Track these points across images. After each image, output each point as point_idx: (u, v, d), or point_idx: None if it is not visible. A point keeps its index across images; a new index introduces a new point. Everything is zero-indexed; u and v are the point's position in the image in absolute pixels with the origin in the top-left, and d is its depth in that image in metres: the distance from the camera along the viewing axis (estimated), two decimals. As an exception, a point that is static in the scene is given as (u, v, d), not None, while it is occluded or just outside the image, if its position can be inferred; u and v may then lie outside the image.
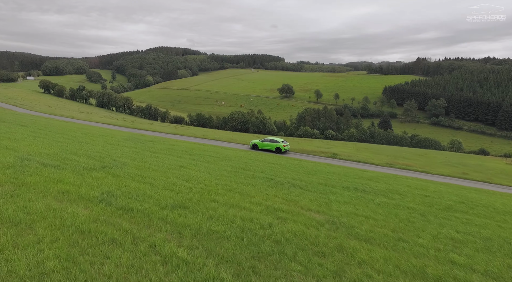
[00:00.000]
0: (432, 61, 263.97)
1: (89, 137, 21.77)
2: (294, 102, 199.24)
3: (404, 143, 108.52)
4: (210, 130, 75.74)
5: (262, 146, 32.53)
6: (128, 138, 24.34)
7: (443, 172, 29.46)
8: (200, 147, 26.28)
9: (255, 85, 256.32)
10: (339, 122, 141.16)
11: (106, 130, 32.34)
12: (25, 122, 25.38)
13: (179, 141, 30.64)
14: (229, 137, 45.19)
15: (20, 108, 51.28)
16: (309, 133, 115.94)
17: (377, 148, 59.32)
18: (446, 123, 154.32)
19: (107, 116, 76.47)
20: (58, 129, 24.71)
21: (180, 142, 28.36)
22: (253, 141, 34.12)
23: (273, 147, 31.99)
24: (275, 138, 33.79)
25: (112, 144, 19.30)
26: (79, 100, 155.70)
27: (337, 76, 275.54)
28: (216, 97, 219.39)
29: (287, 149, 32.70)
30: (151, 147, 20.64)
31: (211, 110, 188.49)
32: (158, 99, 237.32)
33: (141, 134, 32.39)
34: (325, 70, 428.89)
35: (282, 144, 32.05)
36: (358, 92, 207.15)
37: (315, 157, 31.60)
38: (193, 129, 63.95)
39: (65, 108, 77.53)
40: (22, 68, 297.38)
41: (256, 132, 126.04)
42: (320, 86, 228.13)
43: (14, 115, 32.91)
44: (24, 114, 36.16)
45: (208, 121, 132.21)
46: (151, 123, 73.78)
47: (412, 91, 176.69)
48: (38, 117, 35.20)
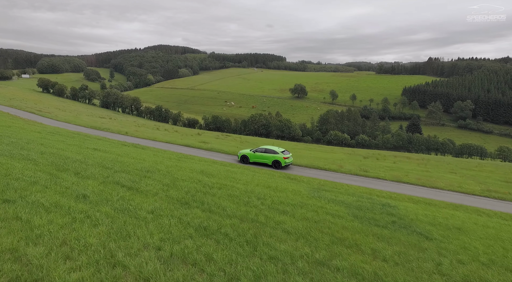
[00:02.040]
0: (445, 61, 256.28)
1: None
2: (308, 103, 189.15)
3: (447, 150, 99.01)
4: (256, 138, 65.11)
5: (255, 159, 24.33)
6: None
7: None
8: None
9: (263, 85, 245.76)
10: (364, 125, 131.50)
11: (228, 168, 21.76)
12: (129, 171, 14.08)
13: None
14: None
15: (40, 116, 39.78)
16: (339, 138, 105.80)
17: (446, 162, 49.20)
18: (475, 127, 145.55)
19: (143, 125, 65.36)
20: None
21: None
22: (242, 151, 25.41)
23: (270, 160, 23.80)
24: (273, 148, 24.82)
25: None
26: (81, 100, 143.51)
27: (347, 76, 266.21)
28: (224, 97, 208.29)
29: (289, 162, 24.24)
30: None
31: (221, 111, 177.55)
32: (161, 99, 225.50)
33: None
34: (328, 70, 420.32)
35: (282, 156, 23.65)
36: (373, 93, 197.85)
37: (350, 179, 20.94)
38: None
39: (84, 113, 66.16)
40: (16, 66, 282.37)
41: (280, 137, 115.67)
42: (332, 87, 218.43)
43: (63, 138, 21.92)
44: (72, 134, 24.80)
45: (225, 124, 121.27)
46: (197, 133, 62.90)
47: (435, 92, 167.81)
48: (113, 144, 23.85)
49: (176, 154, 22.26)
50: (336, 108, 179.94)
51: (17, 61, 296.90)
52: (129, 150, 19.72)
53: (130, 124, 56.05)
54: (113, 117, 66.36)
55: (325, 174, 22.06)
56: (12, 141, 14.96)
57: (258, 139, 72.40)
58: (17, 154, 11.61)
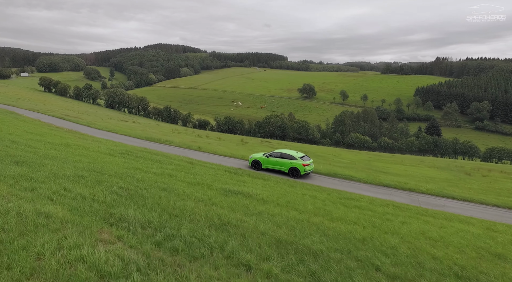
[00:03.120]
0: (453, 61, 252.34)
1: None
2: (317, 103, 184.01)
3: (475, 153, 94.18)
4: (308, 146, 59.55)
5: (268, 164, 20.78)
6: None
7: None
8: None
9: (269, 84, 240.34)
10: (381, 127, 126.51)
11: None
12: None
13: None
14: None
15: (74, 123, 33.78)
16: (360, 140, 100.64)
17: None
18: (493, 128, 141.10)
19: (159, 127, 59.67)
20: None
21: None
22: (254, 156, 21.83)
23: (286, 167, 20.16)
24: (290, 152, 21.05)
25: None
26: (85, 100, 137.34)
27: (354, 76, 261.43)
28: (230, 97, 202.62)
29: (309, 170, 20.32)
30: None
31: (229, 112, 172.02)
32: (165, 98, 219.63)
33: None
34: (331, 70, 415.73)
35: (301, 162, 19.83)
36: (383, 93, 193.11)
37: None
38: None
39: (101, 115, 60.41)
40: (13, 64, 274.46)
41: (296, 139, 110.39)
42: (340, 87, 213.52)
43: (159, 165, 15.97)
44: (153, 156, 18.14)
45: (238, 126, 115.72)
46: (241, 140, 57.17)
47: (449, 92, 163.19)
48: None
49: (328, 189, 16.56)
50: (347, 108, 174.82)
51: (15, 59, 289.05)
52: (285, 190, 14.09)
53: (167, 129, 50.61)
54: (136, 121, 60.66)
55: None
56: (121, 186, 9.37)
57: (306, 146, 66.89)
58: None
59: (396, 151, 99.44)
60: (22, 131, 19.71)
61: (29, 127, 22.47)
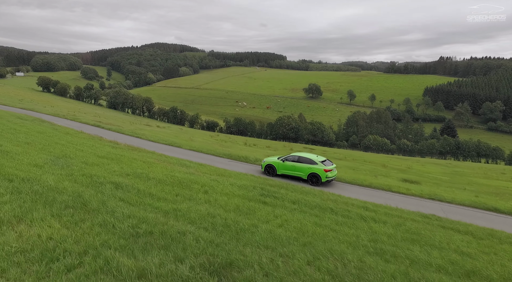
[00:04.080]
0: (458, 60, 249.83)
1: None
2: (324, 104, 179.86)
3: (499, 156, 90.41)
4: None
5: (284, 170, 18.16)
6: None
7: None
8: None
9: (272, 84, 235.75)
10: (394, 128, 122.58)
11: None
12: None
13: None
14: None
15: (121, 134, 28.47)
16: (379, 143, 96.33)
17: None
18: (506, 129, 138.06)
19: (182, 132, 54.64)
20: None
21: None
22: (268, 160, 19.10)
23: (305, 173, 17.50)
24: (308, 155, 18.42)
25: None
26: (86, 100, 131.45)
27: (358, 75, 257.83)
28: (234, 97, 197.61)
29: (331, 177, 17.47)
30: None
31: (234, 112, 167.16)
32: (166, 98, 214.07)
33: None
34: (330, 69, 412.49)
35: (322, 167, 17.19)
36: (390, 93, 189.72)
37: None
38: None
39: (117, 118, 55.09)
40: (7, 63, 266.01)
41: (311, 142, 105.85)
42: (345, 86, 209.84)
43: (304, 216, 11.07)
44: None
45: (249, 127, 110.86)
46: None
47: (460, 92, 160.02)
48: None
49: None
50: (355, 109, 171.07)
51: (9, 58, 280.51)
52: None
53: (199, 135, 45.60)
54: (160, 125, 55.38)
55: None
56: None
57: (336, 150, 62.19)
58: None
59: (416, 154, 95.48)
60: (93, 156, 14.53)
61: (91, 147, 17.25)
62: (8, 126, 19.82)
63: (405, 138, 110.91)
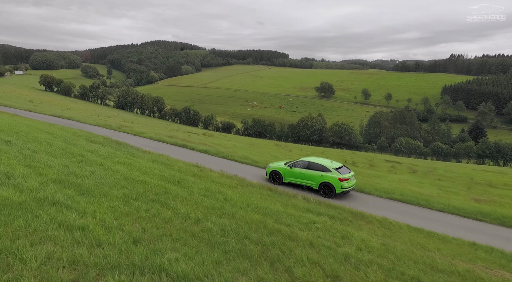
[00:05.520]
0: (471, 58, 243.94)
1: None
2: (338, 103, 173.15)
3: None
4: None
5: (291, 177, 15.27)
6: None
7: None
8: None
9: (279, 82, 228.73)
10: (420, 129, 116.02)
11: None
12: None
13: None
14: None
15: (161, 142, 21.83)
16: (411, 146, 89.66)
17: None
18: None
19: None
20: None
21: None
22: (274, 165, 16.28)
23: (316, 182, 14.54)
24: (320, 161, 15.41)
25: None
26: (92, 100, 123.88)
27: (367, 73, 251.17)
28: (243, 96, 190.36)
29: (348, 187, 14.45)
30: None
31: (245, 112, 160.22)
32: (171, 97, 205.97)
33: None
34: (334, 67, 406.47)
35: (337, 176, 14.16)
36: (404, 91, 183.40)
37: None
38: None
39: (139, 121, 47.82)
40: (5, 61, 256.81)
41: (336, 144, 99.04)
42: (356, 85, 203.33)
43: None
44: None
45: (268, 129, 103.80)
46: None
47: (480, 91, 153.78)
48: None
49: None
50: (370, 108, 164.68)
51: (7, 56, 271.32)
52: None
53: (263, 145, 38.49)
54: (200, 133, 48.15)
55: None
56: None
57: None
58: None
59: (451, 157, 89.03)
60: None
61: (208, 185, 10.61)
62: (108, 166, 12.35)
63: (431, 140, 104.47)
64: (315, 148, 67.73)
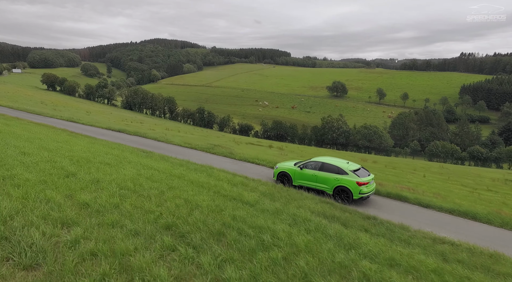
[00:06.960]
0: (482, 57, 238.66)
1: None
2: (352, 103, 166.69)
3: None
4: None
5: (302, 179, 13.27)
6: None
7: None
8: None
9: (287, 82, 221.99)
10: (447, 131, 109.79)
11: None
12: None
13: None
14: None
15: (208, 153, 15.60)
16: (447, 150, 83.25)
17: None
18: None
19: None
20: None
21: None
22: (282, 165, 14.20)
23: (330, 185, 12.51)
24: (335, 162, 13.11)
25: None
26: (98, 100, 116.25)
27: (376, 72, 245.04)
28: (252, 96, 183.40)
29: (368, 192, 12.22)
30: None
31: (256, 112, 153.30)
32: (176, 97, 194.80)
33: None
34: (337, 66, 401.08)
35: (354, 179, 12.05)
36: (419, 91, 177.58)
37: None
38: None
39: (159, 125, 40.75)
40: (2, 60, 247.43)
41: (365, 148, 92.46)
42: (367, 84, 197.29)
43: None
44: None
45: (289, 132, 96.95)
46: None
47: (502, 90, 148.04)
48: None
49: None
50: (386, 108, 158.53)
51: (3, 54, 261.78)
52: None
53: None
54: (244, 142, 41.08)
55: None
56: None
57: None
58: None
59: (491, 162, 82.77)
60: None
61: None
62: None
63: (461, 142, 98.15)
64: (344, 153, 61.08)
